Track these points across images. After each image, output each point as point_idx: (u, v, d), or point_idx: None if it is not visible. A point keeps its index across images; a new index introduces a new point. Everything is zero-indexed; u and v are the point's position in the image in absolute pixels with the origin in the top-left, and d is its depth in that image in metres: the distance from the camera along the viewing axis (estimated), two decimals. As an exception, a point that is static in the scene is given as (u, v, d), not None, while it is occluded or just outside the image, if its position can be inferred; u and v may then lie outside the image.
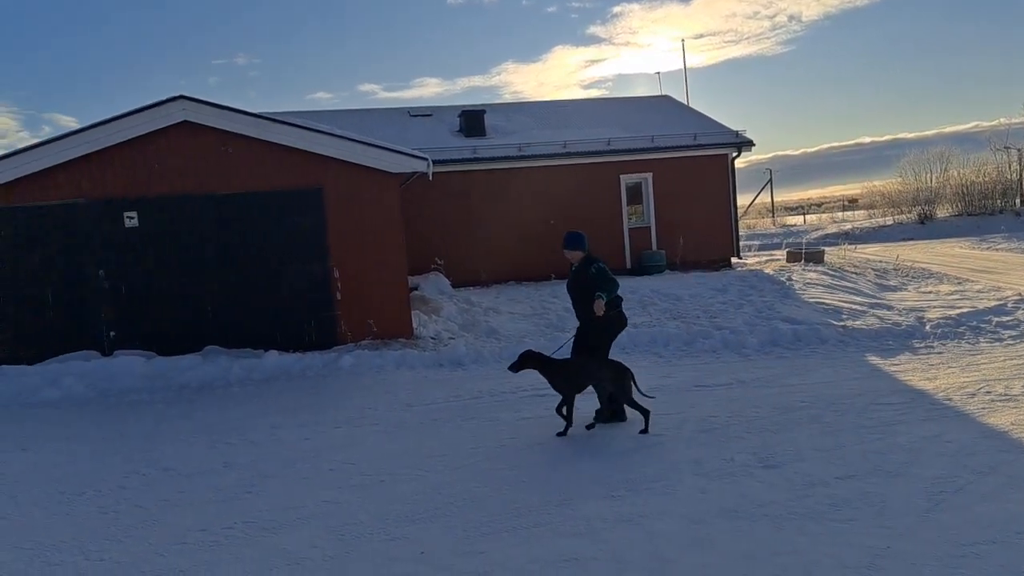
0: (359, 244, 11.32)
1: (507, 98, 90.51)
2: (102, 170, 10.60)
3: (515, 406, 7.25)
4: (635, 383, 6.28)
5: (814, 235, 33.00)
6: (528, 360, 6.40)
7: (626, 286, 14.81)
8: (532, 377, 8.34)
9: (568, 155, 18.70)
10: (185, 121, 10.66)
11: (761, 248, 27.96)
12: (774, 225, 47.55)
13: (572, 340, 6.93)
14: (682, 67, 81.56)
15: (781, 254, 22.01)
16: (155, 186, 10.71)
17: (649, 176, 19.26)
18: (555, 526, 4.36)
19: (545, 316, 12.66)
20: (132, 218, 10.64)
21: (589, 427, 6.36)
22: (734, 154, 19.83)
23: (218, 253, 10.91)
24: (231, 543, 4.37)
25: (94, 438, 6.98)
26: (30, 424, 7.69)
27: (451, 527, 4.42)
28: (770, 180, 54.54)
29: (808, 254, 19.27)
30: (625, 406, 6.33)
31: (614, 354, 6.84)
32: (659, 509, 4.52)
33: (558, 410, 6.29)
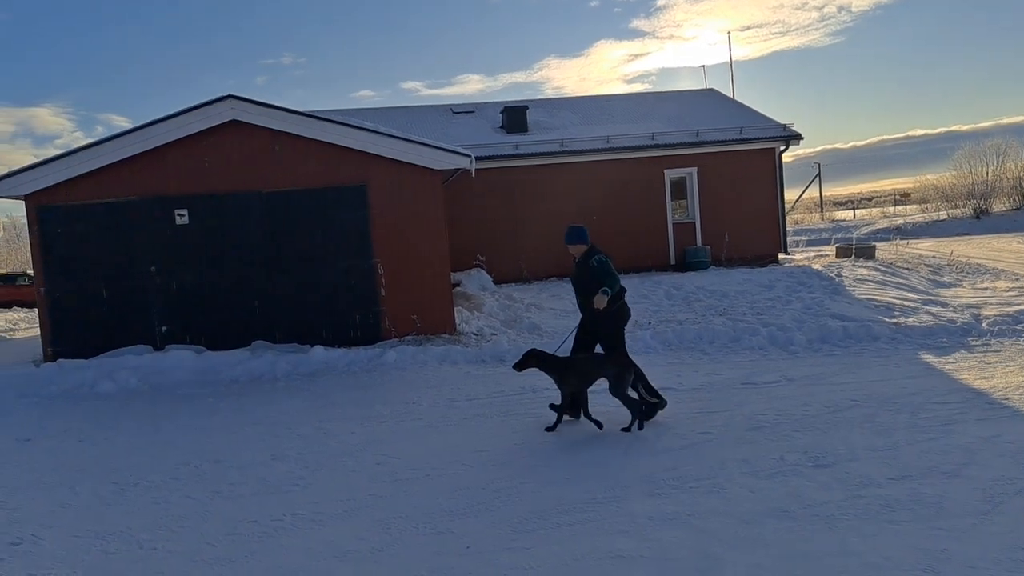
0: (403, 240, 11.39)
1: (548, 94, 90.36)
2: (154, 169, 10.85)
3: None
4: (643, 381, 6.27)
5: (864, 230, 32.25)
6: (531, 359, 6.40)
7: (670, 283, 14.78)
8: (576, 373, 8.35)
9: (611, 150, 18.58)
10: (233, 120, 10.86)
11: (809, 244, 27.41)
12: (823, 220, 46.60)
13: (574, 335, 6.84)
14: (728, 60, 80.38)
15: (830, 250, 21.55)
16: (205, 184, 10.93)
17: (694, 171, 19.02)
18: (600, 523, 4.32)
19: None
20: (183, 215, 10.88)
21: (625, 429, 6.29)
22: (781, 148, 19.47)
23: (265, 249, 11.09)
24: (280, 534, 4.43)
25: (147, 430, 7.15)
26: (87, 417, 7.91)
27: (496, 522, 4.42)
28: (818, 174, 53.50)
29: (859, 249, 18.84)
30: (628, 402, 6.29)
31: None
32: (707, 508, 4.45)
33: (556, 406, 6.31)
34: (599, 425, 6.27)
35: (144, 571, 4.04)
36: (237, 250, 11.04)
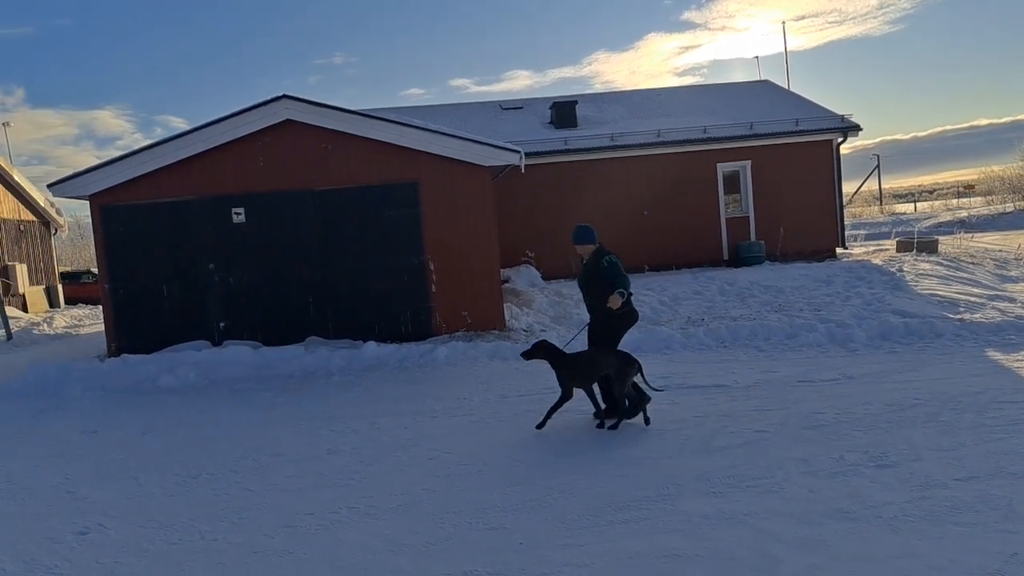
0: (453, 237, 11.45)
1: (598, 88, 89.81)
2: (211, 168, 11.12)
3: (611, 399, 7.14)
4: (643, 376, 6.22)
5: (926, 223, 31.25)
6: (540, 350, 6.36)
7: (724, 278, 14.54)
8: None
9: (662, 144, 18.37)
10: (288, 120, 11.05)
11: (868, 238, 26.71)
12: (882, 213, 45.34)
13: (586, 334, 6.77)
14: (782, 50, 78.73)
15: (890, 244, 20.95)
16: (260, 183, 11.15)
17: (748, 164, 18.69)
18: (654, 521, 4.27)
19: (639, 308, 12.44)
20: (239, 214, 11.12)
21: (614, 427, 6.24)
22: (839, 140, 19.00)
23: (318, 247, 11.27)
24: (336, 527, 4.49)
25: (207, 424, 7.33)
26: (150, 410, 8.16)
27: (548, 519, 4.40)
28: (877, 166, 52.10)
29: (920, 243, 18.26)
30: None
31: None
32: (765, 508, 4.36)
33: (554, 406, 6.25)
34: (600, 424, 6.26)
35: (205, 561, 4.14)
36: (291, 247, 11.24)
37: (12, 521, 4.95)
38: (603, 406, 6.35)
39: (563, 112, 19.96)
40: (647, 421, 6.20)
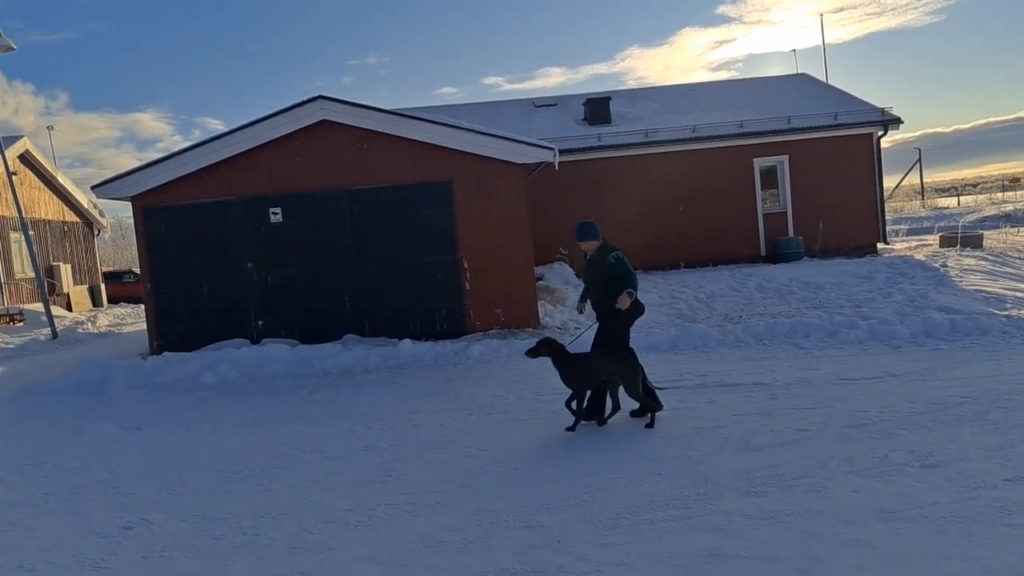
0: (487, 235, 11.46)
1: (631, 84, 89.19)
2: (249, 169, 11.27)
3: (648, 397, 7.09)
4: (644, 377, 6.18)
5: (970, 218, 30.51)
6: (544, 347, 6.30)
7: (761, 275, 14.35)
8: (664, 370, 8.21)
9: (697, 139, 18.18)
10: (324, 120, 11.16)
11: (910, 233, 26.14)
12: (924, 208, 44.37)
13: (593, 332, 6.70)
14: (820, 43, 77.63)
15: (933, 239, 20.49)
16: (297, 182, 11.28)
17: (785, 159, 18.42)
18: (695, 520, 4.22)
19: (675, 305, 12.37)
20: (277, 214, 11.26)
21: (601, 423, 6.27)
22: (879, 133, 18.62)
23: (354, 246, 11.36)
24: (375, 524, 4.52)
25: (248, 421, 7.44)
26: (192, 407, 8.30)
27: (587, 517, 4.38)
28: (919, 160, 51.04)
29: (964, 238, 17.84)
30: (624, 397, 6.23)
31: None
32: (808, 507, 4.28)
33: (567, 404, 6.22)
34: (601, 422, 6.25)
35: (247, 556, 4.19)
36: (328, 246, 11.35)
37: (60, 515, 5.07)
38: (584, 410, 6.28)
39: (597, 108, 19.85)
40: (652, 423, 6.13)
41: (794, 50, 47.03)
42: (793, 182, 18.45)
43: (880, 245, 18.94)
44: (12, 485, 5.82)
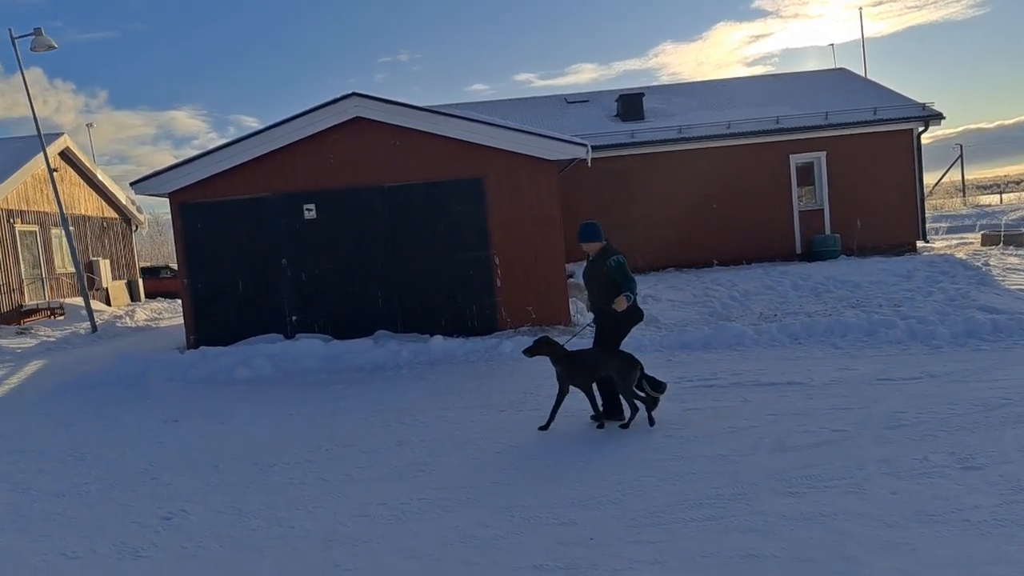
0: (518, 231, 11.45)
1: (664, 80, 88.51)
2: (284, 166, 11.39)
3: (680, 396, 7.03)
4: (643, 378, 6.13)
5: (1013, 216, 29.74)
6: (543, 346, 6.26)
7: (797, 273, 14.16)
8: (697, 368, 8.14)
9: (732, 136, 17.98)
10: (357, 117, 11.23)
11: (950, 231, 25.60)
12: (965, 205, 43.41)
13: (591, 332, 6.70)
14: (859, 37, 76.22)
15: (975, 237, 20.05)
16: (331, 179, 11.37)
17: (822, 155, 18.14)
18: (729, 520, 4.18)
19: (708, 304, 12.25)
20: (311, 210, 11.36)
21: (599, 426, 6.22)
22: (920, 129, 18.25)
23: (387, 242, 11.43)
24: (408, 518, 4.54)
25: (282, 414, 7.52)
26: (227, 400, 8.42)
27: (619, 515, 4.35)
28: (960, 156, 49.94)
29: (1008, 236, 17.43)
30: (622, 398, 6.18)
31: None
32: (845, 508, 4.21)
33: (554, 406, 6.25)
34: (600, 424, 6.21)
35: (283, 548, 4.24)
36: (361, 243, 11.43)
37: (101, 505, 5.18)
38: (601, 408, 6.30)
39: (629, 104, 19.73)
40: (651, 421, 6.10)
41: (832, 45, 46.35)
42: (830, 179, 18.17)
43: (920, 243, 18.58)
44: (55, 475, 5.96)
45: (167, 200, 11.63)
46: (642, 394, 6.17)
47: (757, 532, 4.00)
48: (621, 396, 6.16)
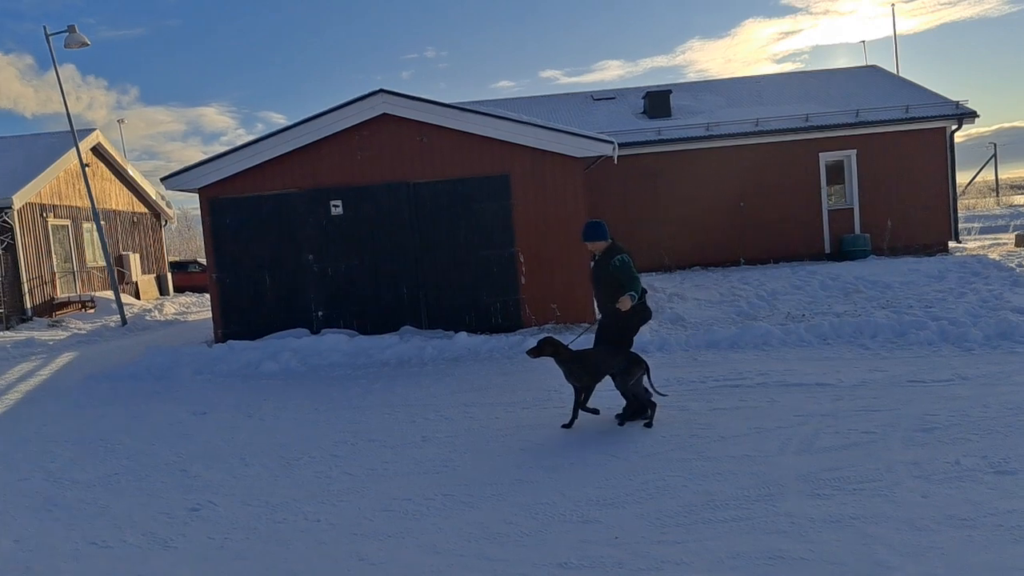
0: (544, 229, 11.43)
1: (691, 77, 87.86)
2: (311, 162, 11.47)
3: (706, 396, 6.98)
4: (649, 378, 6.10)
5: (1048, 216, 29.17)
6: (547, 346, 6.22)
7: (826, 272, 13.99)
8: (723, 368, 8.07)
9: (760, 133, 17.81)
10: (384, 113, 11.27)
11: (983, 231, 25.12)
12: (998, 205, 42.64)
13: (595, 330, 6.64)
14: (891, 34, 75.15)
15: (1008, 237, 19.68)
16: (358, 175, 11.44)
17: (853, 154, 17.90)
18: (756, 521, 4.14)
19: (735, 303, 12.14)
20: (337, 206, 11.43)
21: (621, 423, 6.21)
22: (953, 127, 17.95)
23: (412, 238, 11.47)
24: (432, 513, 4.56)
25: (308, 408, 7.58)
26: (254, 394, 8.51)
27: (645, 514, 4.33)
28: (994, 155, 49.05)
29: (1042, 237, 17.05)
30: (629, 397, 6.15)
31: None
32: (874, 512, 4.15)
33: (583, 407, 6.22)
34: (595, 411, 6.25)
35: (308, 541, 4.28)
36: (386, 239, 11.48)
37: (131, 495, 5.26)
38: (589, 411, 6.30)
39: (656, 102, 19.61)
40: (649, 424, 6.10)
41: (863, 41, 45.73)
42: (861, 177, 17.93)
43: (951, 244, 18.28)
44: (86, 465, 6.06)
45: (196, 195, 11.77)
46: (663, 395, 6.15)
47: (784, 534, 3.96)
48: (619, 391, 6.13)
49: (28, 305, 17.99)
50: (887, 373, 7.38)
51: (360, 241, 11.50)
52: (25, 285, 17.96)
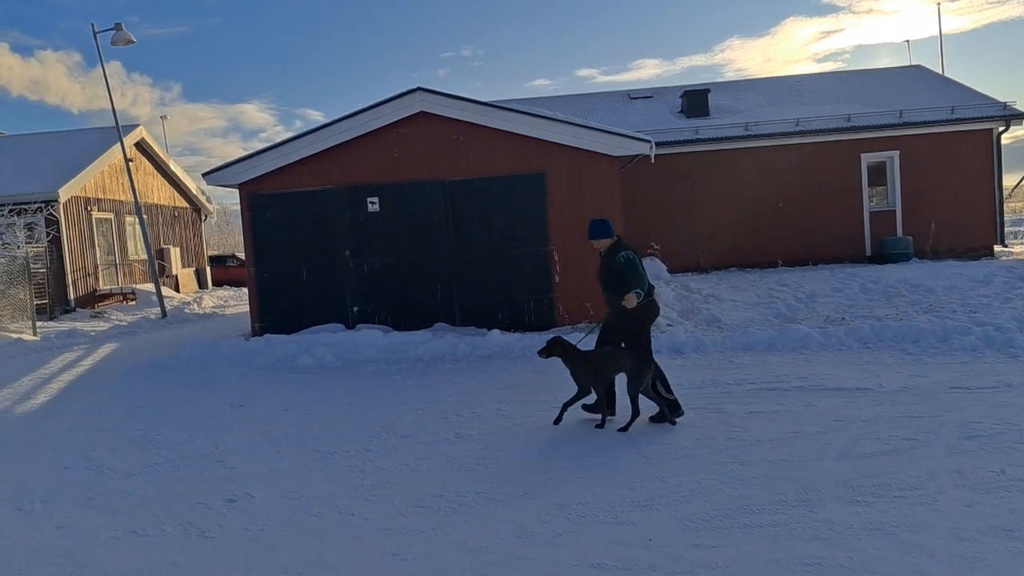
0: (578, 227, 11.33)
1: (729, 76, 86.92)
2: (348, 159, 11.57)
3: (742, 399, 6.89)
4: (663, 382, 6.06)
5: (1099, 220, 28.30)
6: (556, 346, 6.18)
7: (867, 275, 13.74)
8: (760, 372, 7.96)
9: (800, 133, 17.56)
10: (421, 111, 11.32)
11: (1030, 235, 24.44)
12: (1047, 209, 41.40)
13: (599, 329, 6.61)
14: (935, 34, 73.56)
15: (1056, 242, 19.10)
16: (394, 173, 11.50)
17: (895, 154, 17.56)
18: (792, 527, 4.06)
19: (773, 305, 11.97)
20: (374, 203, 11.52)
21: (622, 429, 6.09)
22: (1000, 129, 17.51)
23: (447, 236, 11.50)
24: (464, 510, 4.56)
25: (343, 403, 7.65)
26: (290, 387, 8.60)
27: (679, 517, 4.28)
28: (1041, 157, 47.78)
29: (1093, 242, 16.54)
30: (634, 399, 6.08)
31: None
32: (915, 520, 4.06)
33: (582, 407, 6.21)
34: (602, 422, 6.19)
35: (342, 535, 4.31)
36: (422, 236, 11.53)
37: (170, 486, 5.35)
38: (612, 410, 6.31)
39: (694, 101, 19.43)
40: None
41: (907, 41, 44.85)
42: (903, 179, 17.59)
43: (997, 247, 17.83)
44: (126, 455, 6.18)
45: (236, 191, 11.94)
46: (671, 396, 6.17)
47: (822, 540, 3.88)
48: (628, 395, 6.07)
49: (72, 296, 18.43)
50: (929, 379, 7.22)
51: (396, 238, 11.56)
52: (69, 277, 18.40)
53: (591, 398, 6.36)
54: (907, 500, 4.35)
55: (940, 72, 21.98)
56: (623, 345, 6.37)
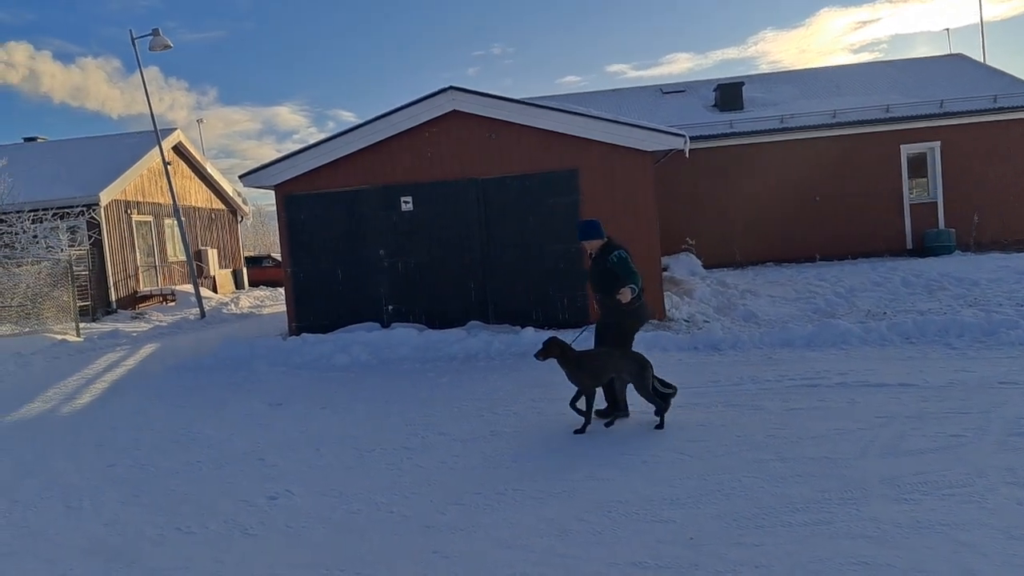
0: (612, 223, 11.15)
1: (763, 69, 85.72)
2: (382, 158, 11.63)
3: (783, 395, 6.79)
4: (655, 376, 6.01)
5: None
6: (554, 347, 6.10)
7: (908, 269, 13.47)
8: (799, 368, 7.83)
9: (837, 125, 17.25)
10: (454, 110, 11.34)
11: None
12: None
13: (594, 331, 6.53)
14: (977, 21, 71.72)
15: (1106, 232, 18.51)
16: (427, 172, 11.54)
17: (936, 145, 17.17)
18: (837, 525, 3.99)
19: (811, 300, 11.79)
20: (407, 202, 11.57)
21: (608, 424, 6.16)
22: (1046, 117, 17.00)
23: (481, 234, 11.51)
24: (502, 508, 4.55)
25: (379, 401, 7.69)
26: (327, 386, 8.68)
27: (720, 515, 4.23)
28: (1088, 146, 46.40)
29: None
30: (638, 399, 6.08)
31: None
32: (965, 518, 3.96)
33: (572, 404, 6.10)
34: (609, 422, 6.18)
35: (382, 532, 4.33)
36: (455, 235, 11.56)
37: (212, 483, 5.43)
38: (604, 405, 6.31)
39: (728, 94, 19.21)
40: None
41: (947, 29, 43.80)
42: (945, 170, 17.19)
43: (1044, 239, 17.36)
44: (168, 453, 6.29)
45: (272, 192, 12.08)
46: (670, 389, 6.16)
47: (869, 539, 3.81)
48: (644, 399, 6.04)
49: (113, 298, 18.82)
50: (976, 374, 7.04)
51: (429, 237, 11.60)
52: (111, 279, 18.79)
53: (600, 403, 6.33)
54: (956, 498, 4.24)
55: (982, 61, 21.44)
56: (604, 341, 6.35)
